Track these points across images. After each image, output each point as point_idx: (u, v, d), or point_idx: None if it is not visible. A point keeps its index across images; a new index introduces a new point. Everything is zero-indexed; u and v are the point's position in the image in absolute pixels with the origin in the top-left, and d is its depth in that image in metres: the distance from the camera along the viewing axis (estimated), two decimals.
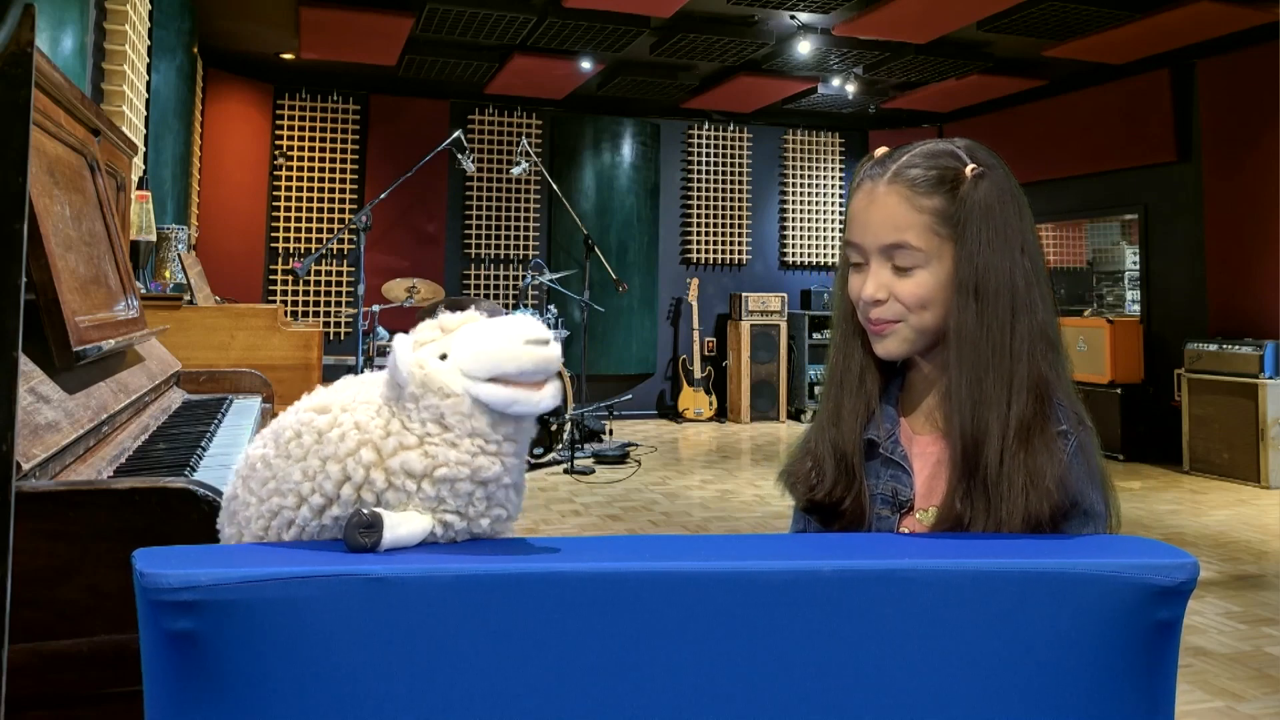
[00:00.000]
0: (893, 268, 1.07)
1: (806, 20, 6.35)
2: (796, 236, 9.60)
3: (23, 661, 1.13)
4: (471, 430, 0.85)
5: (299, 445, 0.86)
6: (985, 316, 1.03)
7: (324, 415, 0.87)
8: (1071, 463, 1.00)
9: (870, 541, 0.99)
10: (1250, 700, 2.82)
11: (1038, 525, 0.98)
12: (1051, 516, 0.98)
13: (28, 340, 1.22)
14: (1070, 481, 0.99)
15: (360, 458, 0.84)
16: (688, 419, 8.85)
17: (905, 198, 1.06)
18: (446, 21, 6.34)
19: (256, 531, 0.87)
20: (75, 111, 2.04)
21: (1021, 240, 1.05)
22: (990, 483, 0.99)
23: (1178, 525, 5.07)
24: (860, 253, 1.10)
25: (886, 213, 1.06)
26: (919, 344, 1.09)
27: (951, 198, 1.05)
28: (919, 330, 1.08)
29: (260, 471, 0.88)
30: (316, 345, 3.69)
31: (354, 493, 0.84)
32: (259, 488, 0.88)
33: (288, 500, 0.85)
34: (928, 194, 1.06)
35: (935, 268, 1.06)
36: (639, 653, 0.76)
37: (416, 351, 0.87)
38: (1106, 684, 0.81)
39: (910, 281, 1.06)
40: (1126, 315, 7.84)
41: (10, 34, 0.82)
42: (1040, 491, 0.98)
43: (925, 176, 1.06)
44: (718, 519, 5.12)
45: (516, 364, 0.85)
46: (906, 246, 1.05)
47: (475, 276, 8.64)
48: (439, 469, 0.84)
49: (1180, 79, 7.00)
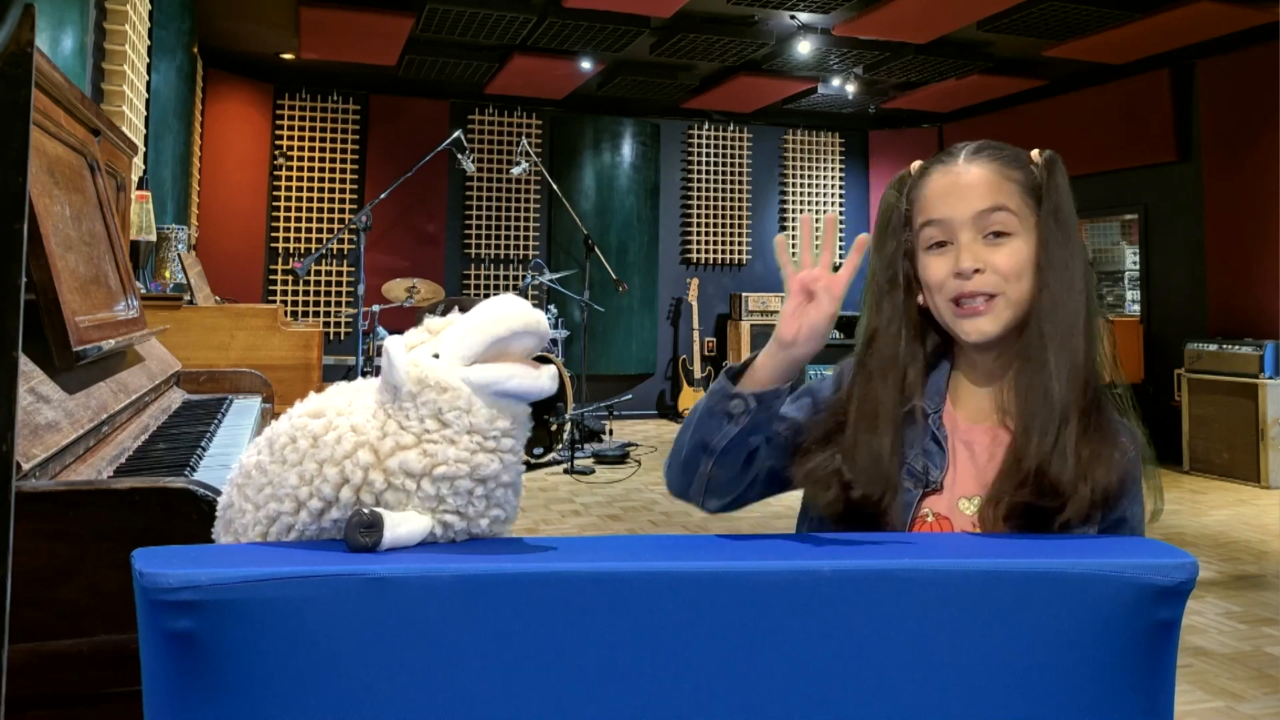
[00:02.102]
0: (985, 239, 1.07)
1: (806, 20, 6.35)
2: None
3: (23, 661, 1.13)
4: (469, 426, 0.85)
5: (294, 450, 0.86)
6: (1063, 289, 1.05)
7: (318, 419, 0.87)
8: (1129, 473, 1.04)
9: (870, 541, 0.99)
10: (1250, 700, 2.82)
11: (1105, 497, 1.00)
12: (1120, 489, 1.01)
13: (28, 340, 1.22)
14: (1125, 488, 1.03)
15: (358, 459, 0.84)
16: None
17: (995, 169, 1.09)
18: (446, 21, 6.34)
19: (254, 538, 0.87)
20: (75, 111, 2.04)
21: (1079, 238, 1.09)
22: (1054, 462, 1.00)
23: (1178, 525, 5.07)
24: (945, 229, 1.08)
25: (979, 181, 1.08)
26: (1011, 321, 1.07)
27: (1030, 173, 1.09)
28: (1014, 304, 1.07)
29: (256, 478, 0.88)
30: (316, 345, 3.69)
31: (353, 495, 0.84)
32: (255, 494, 0.87)
33: (285, 505, 0.85)
34: (1013, 167, 1.09)
35: (1026, 238, 1.07)
36: (639, 653, 0.76)
37: (409, 353, 0.87)
38: (1106, 683, 0.81)
39: (1005, 250, 1.07)
40: (1126, 315, 7.84)
41: (10, 34, 0.82)
42: (1107, 463, 1.00)
43: (1003, 154, 1.10)
44: (718, 519, 5.12)
45: (507, 324, 0.85)
46: (1004, 209, 1.07)
47: (475, 276, 8.64)
48: (438, 467, 0.84)
49: (1180, 79, 7.00)
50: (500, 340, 0.86)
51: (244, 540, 0.88)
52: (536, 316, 0.87)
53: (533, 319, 0.87)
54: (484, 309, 0.88)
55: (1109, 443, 1.02)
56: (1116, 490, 1.01)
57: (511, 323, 0.86)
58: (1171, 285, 7.23)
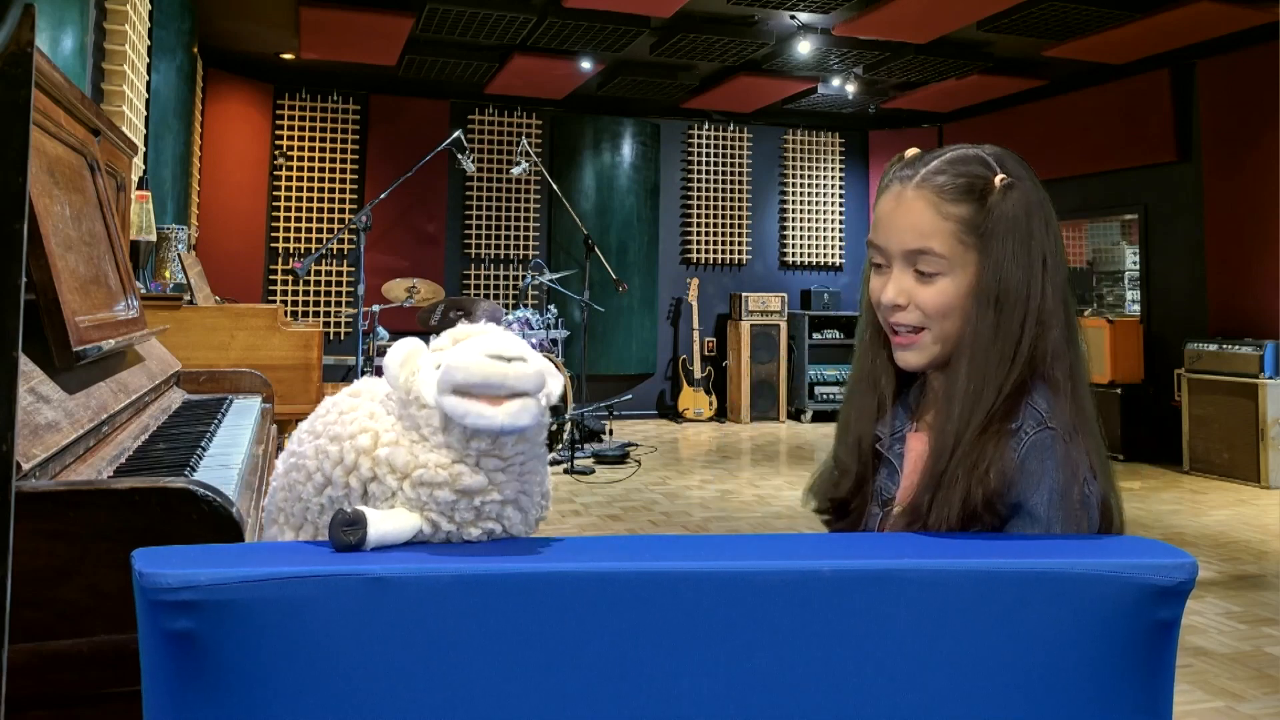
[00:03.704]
0: (915, 273, 1.06)
1: (806, 20, 6.35)
2: (796, 236, 9.60)
3: (23, 661, 1.13)
4: (444, 442, 0.86)
5: (322, 421, 0.91)
6: (1001, 328, 1.02)
7: (354, 397, 0.92)
8: (1023, 460, 0.98)
9: (870, 541, 0.99)
10: (1250, 700, 2.82)
11: (974, 515, 0.97)
12: (988, 504, 0.97)
13: (28, 340, 1.22)
14: (1016, 477, 0.97)
15: (357, 442, 0.87)
16: (688, 419, 8.85)
17: (932, 204, 1.05)
18: (446, 21, 6.34)
19: (279, 503, 0.93)
20: (75, 111, 2.04)
21: (1045, 255, 1.04)
22: (946, 472, 1.00)
23: (1178, 525, 5.07)
24: (883, 255, 1.09)
25: (912, 218, 1.05)
26: (940, 355, 1.07)
27: (979, 207, 1.04)
28: (940, 340, 1.06)
29: (293, 447, 0.94)
30: (316, 345, 3.69)
31: (344, 476, 0.87)
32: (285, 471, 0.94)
33: (299, 475, 0.90)
34: (955, 201, 1.04)
35: (958, 276, 1.04)
36: (639, 653, 0.76)
37: (425, 356, 0.89)
38: (1106, 683, 0.81)
39: (932, 289, 1.05)
40: (1126, 315, 7.84)
41: (10, 34, 0.82)
42: (977, 477, 0.97)
43: (953, 184, 1.05)
44: (718, 519, 5.12)
45: (466, 375, 0.84)
46: (930, 253, 1.04)
47: (475, 276, 8.64)
48: (418, 469, 0.85)
49: (1180, 79, 7.00)
50: (462, 386, 0.84)
51: (272, 505, 0.95)
52: (508, 371, 0.84)
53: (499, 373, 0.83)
54: (471, 345, 0.86)
55: (995, 440, 0.99)
56: (995, 485, 0.97)
57: (472, 375, 0.83)
58: (1171, 285, 7.23)
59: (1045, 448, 0.99)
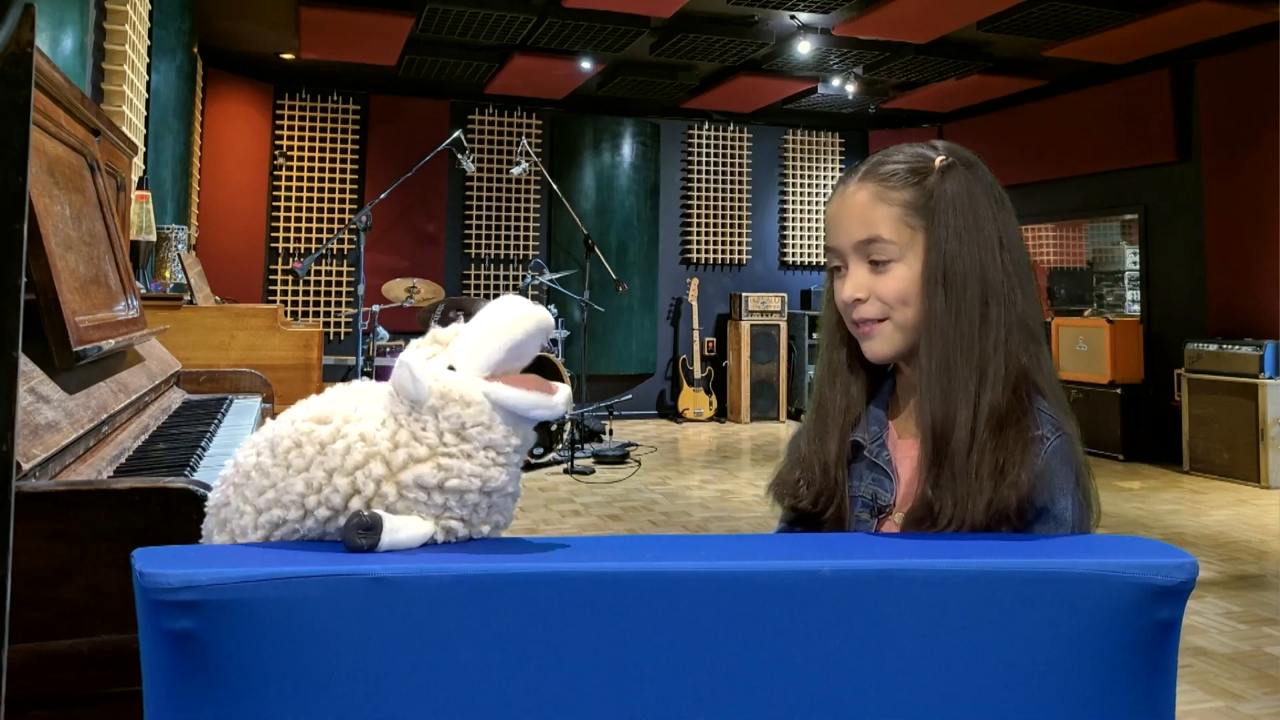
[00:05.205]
0: (869, 266, 1.07)
1: (806, 20, 6.35)
2: (796, 236, 9.60)
3: (23, 661, 1.13)
4: (488, 442, 0.85)
5: (300, 456, 0.84)
6: (953, 304, 1.03)
7: (325, 426, 0.85)
8: (1048, 465, 0.98)
9: (870, 542, 0.99)
10: (1250, 700, 2.82)
11: (1003, 518, 0.97)
12: (1019, 510, 0.97)
13: (28, 340, 1.22)
14: (1044, 482, 0.98)
15: (370, 471, 0.83)
16: (688, 419, 8.85)
17: (875, 193, 1.07)
18: (446, 21, 6.34)
19: (254, 540, 0.86)
20: (75, 111, 2.04)
21: (999, 234, 1.05)
22: (959, 470, 0.98)
23: (1178, 525, 5.07)
24: (838, 256, 1.10)
25: (858, 210, 1.07)
26: (905, 343, 1.08)
27: (921, 189, 1.06)
28: (903, 327, 1.07)
29: (256, 480, 0.86)
30: (316, 345, 3.70)
31: (363, 506, 0.83)
32: (255, 497, 0.86)
33: (291, 513, 0.84)
34: (898, 187, 1.06)
35: (911, 261, 1.06)
36: (639, 653, 0.76)
37: (437, 359, 0.87)
38: (1106, 684, 0.81)
39: (888, 277, 1.06)
40: (1126, 315, 7.84)
41: (10, 34, 0.82)
42: (1009, 481, 0.96)
43: (895, 171, 1.07)
44: (718, 519, 5.12)
45: (522, 328, 0.86)
46: (879, 240, 1.06)
47: (475, 276, 8.64)
48: (451, 480, 0.84)
49: (1180, 79, 7.00)
50: (518, 345, 0.86)
51: (242, 542, 0.87)
52: (545, 316, 0.88)
53: (545, 320, 0.87)
54: (493, 315, 0.87)
55: (1020, 442, 0.98)
56: (1026, 490, 0.97)
57: (526, 325, 0.86)
58: (1171, 285, 7.23)
59: (1064, 452, 1.00)
